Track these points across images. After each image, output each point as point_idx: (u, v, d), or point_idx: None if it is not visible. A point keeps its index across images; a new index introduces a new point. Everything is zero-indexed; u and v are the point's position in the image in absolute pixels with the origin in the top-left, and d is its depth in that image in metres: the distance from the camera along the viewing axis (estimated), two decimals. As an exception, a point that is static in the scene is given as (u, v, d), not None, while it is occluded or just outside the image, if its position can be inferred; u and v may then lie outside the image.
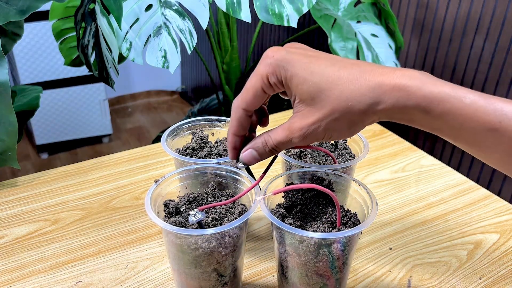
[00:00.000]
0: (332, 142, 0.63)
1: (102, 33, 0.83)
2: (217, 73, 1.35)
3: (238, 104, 0.47)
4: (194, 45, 0.86)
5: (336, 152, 0.62)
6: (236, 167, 0.53)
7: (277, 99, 1.81)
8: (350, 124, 0.43)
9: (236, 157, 0.50)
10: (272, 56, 0.44)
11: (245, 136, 0.49)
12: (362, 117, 0.42)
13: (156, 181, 0.53)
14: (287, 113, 1.02)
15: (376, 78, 0.41)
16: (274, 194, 0.50)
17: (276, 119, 1.00)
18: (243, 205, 0.53)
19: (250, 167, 0.52)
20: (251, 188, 0.50)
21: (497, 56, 1.04)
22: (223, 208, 0.51)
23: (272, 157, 0.50)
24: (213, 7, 1.32)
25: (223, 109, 1.43)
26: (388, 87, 0.40)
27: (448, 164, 1.18)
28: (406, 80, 0.40)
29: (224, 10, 0.85)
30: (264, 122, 0.51)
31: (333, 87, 0.42)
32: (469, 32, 1.08)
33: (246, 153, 0.48)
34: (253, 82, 0.45)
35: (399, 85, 0.40)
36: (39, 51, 2.12)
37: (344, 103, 0.41)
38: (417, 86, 0.40)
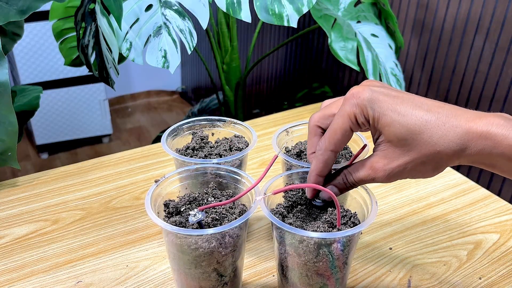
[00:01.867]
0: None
1: (102, 33, 0.83)
2: (217, 73, 1.35)
3: (326, 146, 0.47)
4: (194, 45, 0.86)
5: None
6: (314, 204, 0.53)
7: (277, 99, 1.81)
8: (435, 167, 0.44)
9: (315, 195, 0.51)
10: (358, 96, 0.44)
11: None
12: (447, 161, 0.43)
13: (156, 181, 0.53)
14: (287, 113, 1.03)
15: (462, 124, 0.42)
16: (274, 194, 0.50)
17: (276, 119, 1.00)
18: (243, 205, 0.53)
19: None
20: (251, 188, 0.50)
21: (497, 56, 1.04)
22: (223, 208, 0.51)
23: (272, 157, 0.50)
24: (213, 7, 1.32)
25: (223, 109, 1.43)
26: (475, 134, 0.41)
27: (448, 164, 1.18)
28: (493, 128, 0.41)
29: (224, 10, 0.85)
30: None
31: (422, 131, 0.42)
32: (469, 32, 1.08)
33: (327, 191, 0.48)
34: (341, 123, 0.46)
35: (486, 134, 0.41)
36: (39, 51, 2.12)
37: (433, 148, 0.42)
38: (503, 135, 0.41)
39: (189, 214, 0.48)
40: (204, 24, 0.86)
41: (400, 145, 0.43)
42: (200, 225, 0.49)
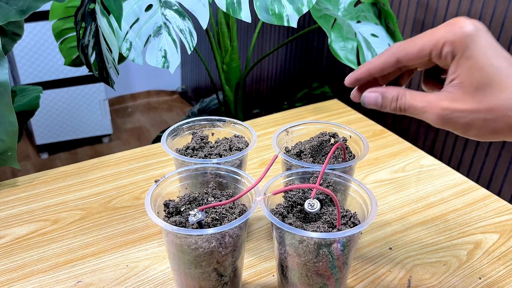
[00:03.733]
0: (332, 141, 0.63)
1: (102, 33, 0.83)
2: (217, 73, 1.35)
3: (396, 51, 0.43)
4: (194, 45, 0.86)
5: (336, 152, 0.62)
6: (306, 210, 0.51)
7: (277, 99, 1.81)
8: (493, 131, 0.41)
9: (352, 86, 0.47)
10: (461, 26, 0.40)
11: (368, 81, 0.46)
12: (510, 130, 0.40)
13: (156, 181, 0.53)
14: (287, 113, 1.03)
15: None
16: (274, 194, 0.50)
17: (276, 119, 1.00)
18: (243, 205, 0.53)
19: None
20: (251, 188, 0.50)
21: (497, 56, 1.04)
22: (223, 208, 0.51)
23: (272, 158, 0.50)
24: (213, 7, 1.31)
25: (223, 109, 1.43)
26: None
27: (448, 164, 1.18)
28: None
29: (224, 10, 0.85)
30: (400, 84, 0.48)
31: (503, 90, 0.39)
32: (469, 32, 1.08)
33: (372, 95, 0.45)
34: (425, 40, 0.42)
35: None
36: (39, 51, 2.12)
37: (505, 109, 0.39)
38: None
39: (189, 214, 0.48)
40: (204, 24, 0.86)
41: (473, 93, 0.40)
42: (200, 225, 0.49)
